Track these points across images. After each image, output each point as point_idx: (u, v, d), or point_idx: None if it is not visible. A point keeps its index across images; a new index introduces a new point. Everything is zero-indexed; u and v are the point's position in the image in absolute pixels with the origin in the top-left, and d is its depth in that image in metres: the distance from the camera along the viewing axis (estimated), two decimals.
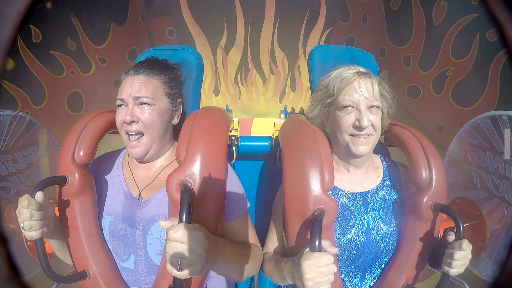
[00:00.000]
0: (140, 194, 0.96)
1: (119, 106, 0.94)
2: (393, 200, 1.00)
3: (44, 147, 1.28)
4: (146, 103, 0.91)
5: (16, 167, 1.20)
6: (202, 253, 0.66)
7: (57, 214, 0.93)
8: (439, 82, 2.44)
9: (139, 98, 0.91)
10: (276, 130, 1.29)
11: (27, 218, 0.76)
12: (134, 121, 0.90)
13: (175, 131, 1.04)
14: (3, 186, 1.16)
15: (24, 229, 0.77)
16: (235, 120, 1.22)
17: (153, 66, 0.98)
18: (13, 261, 0.52)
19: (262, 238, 1.06)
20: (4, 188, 1.17)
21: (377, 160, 1.07)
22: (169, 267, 0.65)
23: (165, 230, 0.88)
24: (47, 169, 1.29)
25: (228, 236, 0.93)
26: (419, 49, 2.58)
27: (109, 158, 1.06)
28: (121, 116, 0.92)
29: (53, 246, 0.96)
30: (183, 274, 0.64)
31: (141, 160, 0.97)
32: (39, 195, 0.78)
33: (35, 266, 1.13)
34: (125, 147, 1.11)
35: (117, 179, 1.00)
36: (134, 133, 0.91)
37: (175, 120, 1.01)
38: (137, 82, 0.93)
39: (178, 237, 0.63)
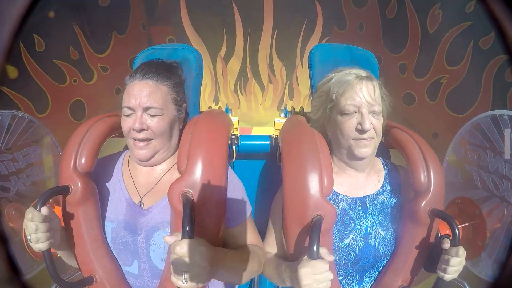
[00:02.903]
0: (141, 200, 0.95)
1: (126, 113, 0.91)
2: (392, 205, 1.00)
3: (44, 146, 1.28)
4: (155, 114, 0.90)
5: (15, 167, 1.19)
6: (206, 266, 0.70)
7: (61, 220, 0.93)
8: (433, 90, 2.48)
9: (149, 109, 0.89)
10: (276, 129, 1.30)
11: (33, 231, 0.77)
12: (144, 129, 0.89)
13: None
14: (3, 185, 1.16)
15: (31, 242, 0.77)
16: (235, 119, 1.22)
17: (160, 70, 0.95)
18: (13, 261, 0.51)
19: (262, 238, 1.05)
20: (4, 188, 1.16)
21: (379, 163, 1.07)
22: (174, 279, 0.69)
23: None
24: (47, 169, 1.29)
25: (230, 240, 0.94)
26: (414, 56, 2.63)
27: (109, 163, 1.04)
28: (129, 123, 0.90)
29: (60, 254, 0.97)
30: (188, 286, 0.68)
31: (145, 163, 0.95)
32: (44, 210, 0.79)
33: (35, 266, 1.11)
34: (123, 151, 1.10)
35: (118, 186, 0.99)
36: (142, 140, 0.90)
37: (181, 125, 1.00)
38: (146, 89, 0.90)
39: (183, 253, 0.67)
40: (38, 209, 0.79)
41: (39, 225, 0.77)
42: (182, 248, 0.67)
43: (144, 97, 0.89)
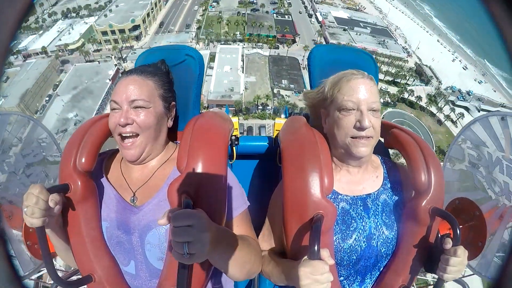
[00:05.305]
0: (134, 195, 0.95)
1: (113, 108, 0.92)
2: (395, 203, 0.99)
3: (44, 146, 1.29)
4: (141, 106, 0.90)
5: (15, 167, 1.19)
6: (206, 232, 0.68)
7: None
8: None
9: (135, 101, 0.90)
10: (276, 130, 1.30)
11: (32, 203, 0.76)
12: (129, 123, 0.89)
13: (169, 133, 1.04)
14: (3, 186, 1.16)
15: (26, 214, 0.76)
16: (235, 119, 1.23)
17: (147, 69, 0.98)
18: (13, 261, 0.51)
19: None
20: (4, 188, 1.16)
21: (377, 160, 1.06)
22: (176, 254, 0.66)
23: (164, 237, 0.89)
24: (47, 169, 1.30)
25: None
26: None
27: (101, 160, 1.03)
28: (115, 118, 0.90)
29: (56, 245, 0.96)
30: (191, 258, 0.66)
31: (135, 163, 0.96)
32: (54, 196, 0.80)
33: (35, 266, 1.12)
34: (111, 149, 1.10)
35: (107, 183, 0.99)
36: (128, 134, 0.90)
37: (169, 123, 1.01)
38: (132, 83, 0.91)
39: (183, 222, 0.65)
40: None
41: (40, 201, 0.77)
42: (179, 218, 0.65)
43: (130, 91, 0.90)
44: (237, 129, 1.26)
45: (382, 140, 1.08)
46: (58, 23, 53.56)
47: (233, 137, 1.25)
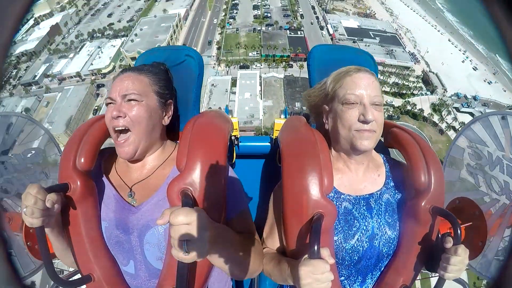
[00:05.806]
0: (131, 190, 0.95)
1: (108, 104, 0.93)
2: (398, 201, 0.99)
3: (44, 147, 1.29)
4: (133, 99, 0.91)
5: (15, 168, 1.19)
6: (205, 230, 0.68)
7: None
8: None
9: (127, 95, 0.91)
10: (276, 130, 1.31)
11: (31, 204, 0.76)
12: (121, 116, 0.90)
13: (170, 133, 1.05)
14: (3, 187, 1.16)
15: (26, 214, 0.76)
16: (235, 120, 1.23)
17: (142, 67, 0.99)
18: (13, 261, 0.51)
19: (261, 234, 1.07)
20: (4, 189, 1.16)
21: (378, 158, 1.05)
22: (175, 252, 0.66)
23: (162, 237, 0.89)
24: (47, 170, 1.30)
25: None
26: None
27: (101, 159, 1.03)
28: (109, 112, 0.91)
29: (55, 245, 0.96)
30: (190, 257, 0.66)
31: (130, 160, 0.96)
32: (51, 196, 0.79)
33: (35, 266, 1.13)
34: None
35: (107, 182, 0.99)
36: (121, 128, 0.90)
37: (166, 121, 1.00)
38: (126, 79, 0.93)
39: (181, 220, 0.65)
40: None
41: (39, 201, 0.77)
42: (179, 215, 0.65)
43: (123, 86, 0.91)
44: (236, 129, 1.27)
45: (382, 139, 1.07)
46: (86, 45, 56.53)
47: (233, 137, 1.25)
